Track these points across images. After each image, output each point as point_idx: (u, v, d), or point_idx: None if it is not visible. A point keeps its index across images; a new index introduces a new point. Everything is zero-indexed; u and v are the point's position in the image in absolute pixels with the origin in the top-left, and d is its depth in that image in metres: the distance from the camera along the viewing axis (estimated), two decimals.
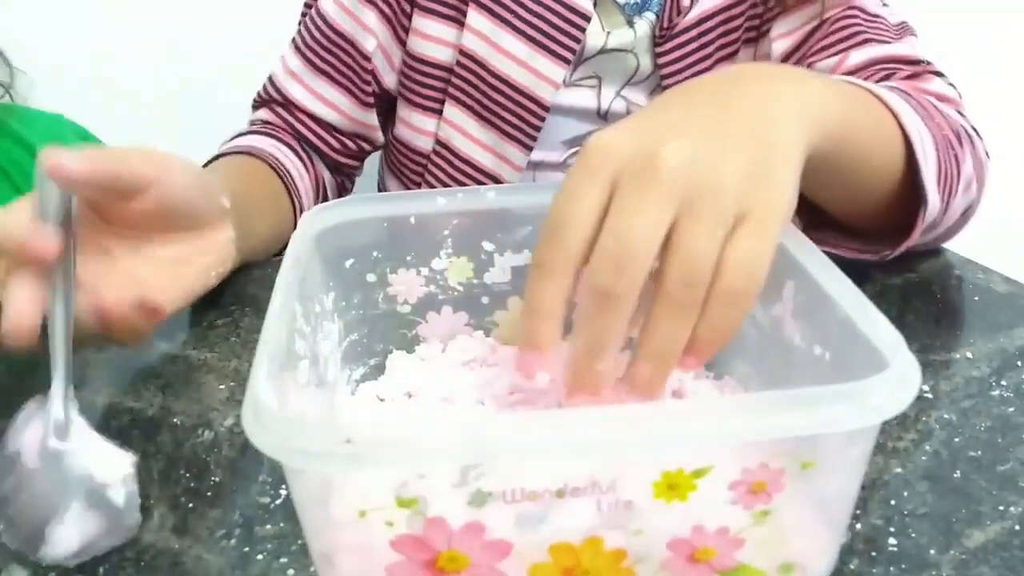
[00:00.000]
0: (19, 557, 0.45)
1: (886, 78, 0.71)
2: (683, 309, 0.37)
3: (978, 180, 0.68)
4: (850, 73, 0.73)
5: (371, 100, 0.85)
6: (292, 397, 0.38)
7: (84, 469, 0.43)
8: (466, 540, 0.34)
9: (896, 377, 0.34)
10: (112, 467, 0.44)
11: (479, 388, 0.49)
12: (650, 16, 0.79)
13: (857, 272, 0.73)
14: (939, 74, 0.73)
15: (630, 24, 0.78)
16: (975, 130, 0.69)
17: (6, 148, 0.90)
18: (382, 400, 0.51)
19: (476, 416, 0.47)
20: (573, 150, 0.83)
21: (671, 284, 0.37)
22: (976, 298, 0.67)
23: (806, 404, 0.32)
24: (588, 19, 0.76)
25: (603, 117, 0.82)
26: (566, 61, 0.77)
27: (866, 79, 0.71)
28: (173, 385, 0.58)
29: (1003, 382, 0.57)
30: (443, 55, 0.80)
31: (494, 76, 0.78)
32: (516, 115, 0.79)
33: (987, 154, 0.71)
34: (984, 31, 1.48)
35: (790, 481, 0.35)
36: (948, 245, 0.75)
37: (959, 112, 0.69)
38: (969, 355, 0.60)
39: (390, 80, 0.85)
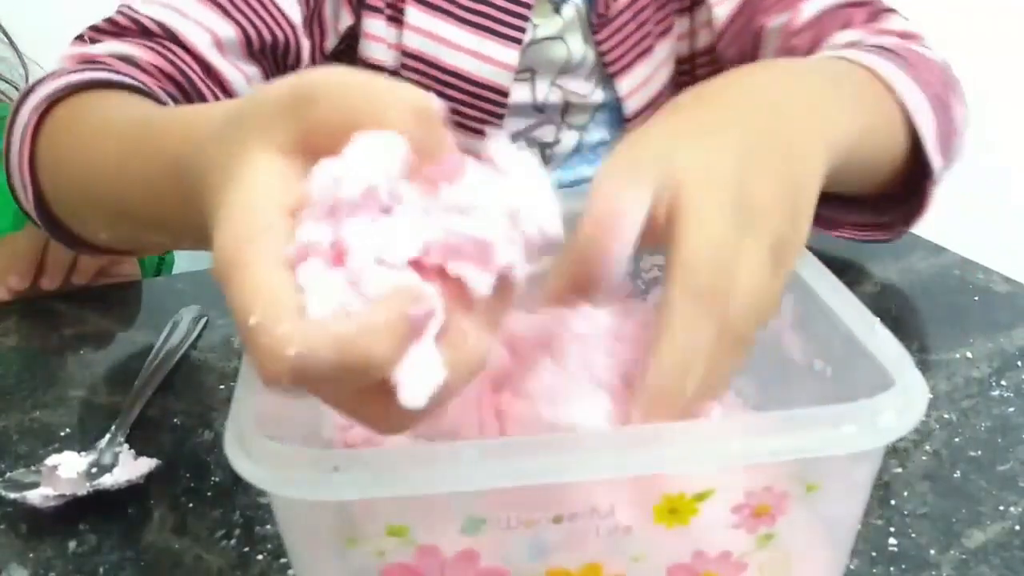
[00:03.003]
0: (19, 557, 0.45)
1: (845, 26, 0.69)
2: (744, 344, 0.36)
3: (965, 115, 0.66)
4: (804, 29, 0.70)
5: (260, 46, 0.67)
6: (282, 413, 0.38)
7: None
8: (459, 569, 0.33)
9: (903, 396, 0.33)
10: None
11: None
12: (576, 1, 0.75)
13: (857, 272, 0.74)
14: (891, 10, 0.71)
15: (557, 11, 0.75)
16: (945, 62, 0.68)
17: None
18: None
19: (469, 442, 0.46)
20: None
21: (740, 320, 0.35)
22: (976, 298, 0.67)
23: (812, 425, 0.32)
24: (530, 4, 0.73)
25: (539, 110, 0.78)
26: (516, 42, 0.73)
27: (821, 30, 0.69)
28: (173, 385, 0.58)
29: (1003, 382, 0.57)
30: (387, 57, 0.74)
31: (445, 72, 0.74)
32: (476, 107, 0.75)
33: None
34: (986, 31, 1.48)
35: (795, 504, 0.34)
36: (948, 245, 0.75)
37: (926, 47, 0.67)
38: (969, 355, 0.60)
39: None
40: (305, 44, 0.70)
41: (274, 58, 0.68)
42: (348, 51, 0.74)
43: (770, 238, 0.36)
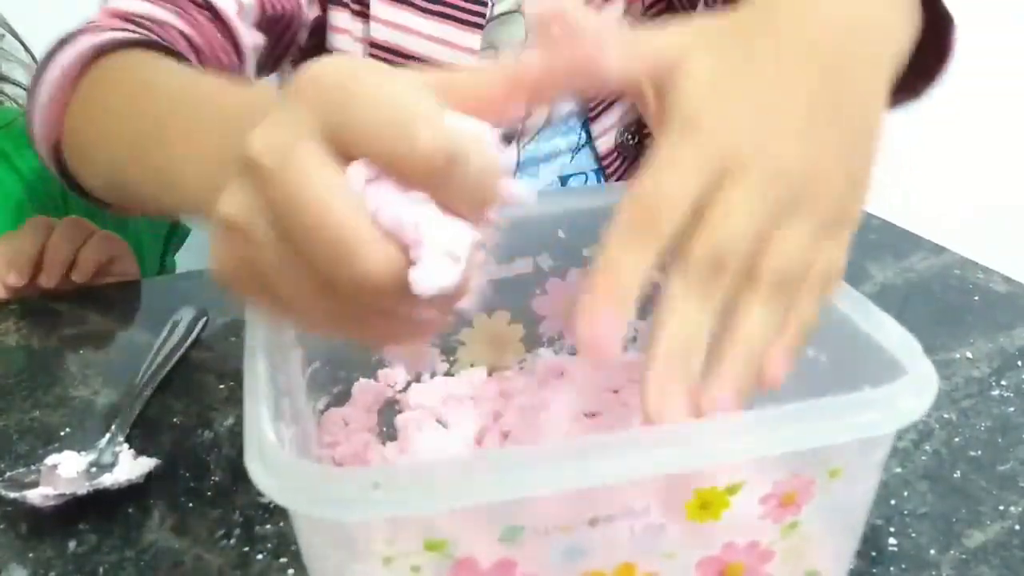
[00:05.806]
0: (19, 557, 0.45)
1: None
2: (776, 306, 0.34)
3: None
4: None
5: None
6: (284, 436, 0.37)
7: None
8: None
9: (920, 379, 0.34)
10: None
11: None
12: None
13: (857, 272, 0.74)
14: None
15: None
16: None
17: (25, 154, 0.90)
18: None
19: (506, 450, 0.45)
20: None
21: (771, 278, 0.33)
22: (976, 298, 0.67)
23: (840, 412, 0.32)
24: None
25: None
26: (478, 27, 0.75)
27: None
28: (173, 385, 0.58)
29: (1003, 382, 0.57)
30: (354, 48, 0.77)
31: (411, 59, 0.76)
32: None
33: None
34: (986, 32, 1.48)
35: (818, 490, 0.35)
36: (948, 245, 0.75)
37: None
38: (969, 355, 0.60)
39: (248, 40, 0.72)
40: (308, 18, 0.76)
41: (277, 29, 0.74)
42: (320, 45, 0.79)
43: (829, 219, 0.35)
